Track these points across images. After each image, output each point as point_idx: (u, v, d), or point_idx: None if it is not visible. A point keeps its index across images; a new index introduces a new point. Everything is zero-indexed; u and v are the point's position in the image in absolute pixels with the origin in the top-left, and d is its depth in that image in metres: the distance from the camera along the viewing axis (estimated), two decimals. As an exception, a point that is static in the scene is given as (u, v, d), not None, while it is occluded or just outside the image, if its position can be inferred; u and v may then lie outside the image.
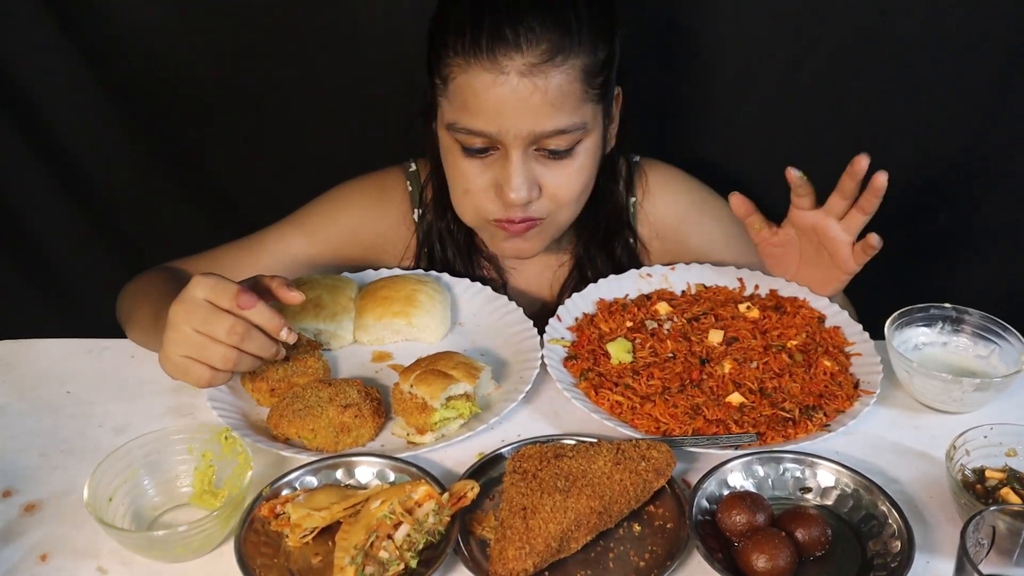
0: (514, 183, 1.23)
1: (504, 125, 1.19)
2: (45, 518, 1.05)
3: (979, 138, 1.64)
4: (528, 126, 1.19)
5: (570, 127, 1.21)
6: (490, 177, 1.26)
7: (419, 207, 1.47)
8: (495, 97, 1.17)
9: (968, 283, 1.69)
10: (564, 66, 1.18)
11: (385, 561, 0.93)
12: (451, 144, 1.27)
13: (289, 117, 1.72)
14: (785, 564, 0.92)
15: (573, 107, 1.21)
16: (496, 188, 1.26)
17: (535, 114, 1.18)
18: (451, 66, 1.20)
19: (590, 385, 1.20)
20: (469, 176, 1.27)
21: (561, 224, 1.35)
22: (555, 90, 1.18)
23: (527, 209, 1.27)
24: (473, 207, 1.30)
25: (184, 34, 1.63)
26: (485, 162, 1.26)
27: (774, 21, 1.56)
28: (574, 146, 1.25)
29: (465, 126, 1.22)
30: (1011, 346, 1.21)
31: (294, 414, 1.12)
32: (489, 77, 1.17)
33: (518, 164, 1.22)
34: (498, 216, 1.29)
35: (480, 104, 1.19)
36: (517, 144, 1.21)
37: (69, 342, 1.35)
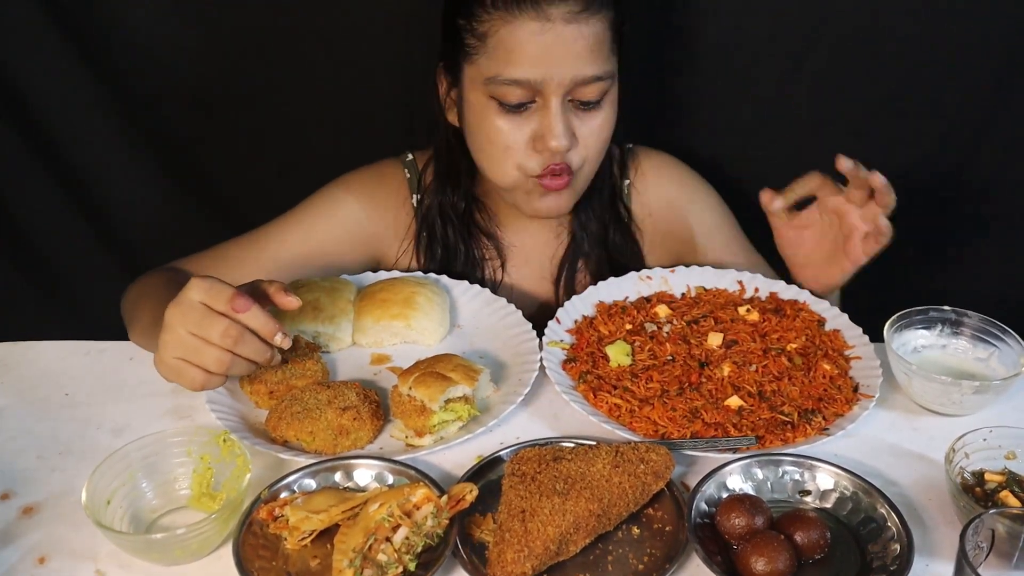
0: (556, 130, 1.27)
1: (549, 72, 1.24)
2: (43, 520, 1.04)
3: (979, 140, 1.64)
4: (571, 72, 1.25)
5: (604, 75, 1.28)
6: (528, 132, 1.30)
7: (417, 192, 1.50)
8: (541, 44, 1.23)
9: (967, 285, 1.69)
10: (599, 14, 1.26)
11: (383, 564, 0.93)
12: (486, 104, 1.30)
13: (289, 117, 1.72)
14: (784, 567, 0.92)
15: (606, 56, 1.28)
16: (535, 141, 1.30)
17: (578, 60, 1.25)
18: (490, 21, 1.25)
19: (589, 388, 1.20)
20: (509, 133, 1.30)
21: (586, 176, 1.38)
22: (594, 37, 1.25)
23: (564, 158, 1.30)
24: (515, 164, 1.32)
25: (183, 34, 1.63)
26: (523, 117, 1.29)
27: (774, 20, 1.56)
28: (602, 97, 1.30)
29: (509, 76, 1.25)
30: (1010, 348, 1.21)
31: (293, 416, 1.12)
32: (536, 25, 1.22)
33: (558, 112, 1.27)
34: (539, 171, 1.32)
35: (526, 53, 1.24)
36: (558, 92, 1.26)
37: (68, 344, 1.34)
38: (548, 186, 1.33)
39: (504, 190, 1.39)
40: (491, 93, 1.28)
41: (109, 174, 1.78)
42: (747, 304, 1.34)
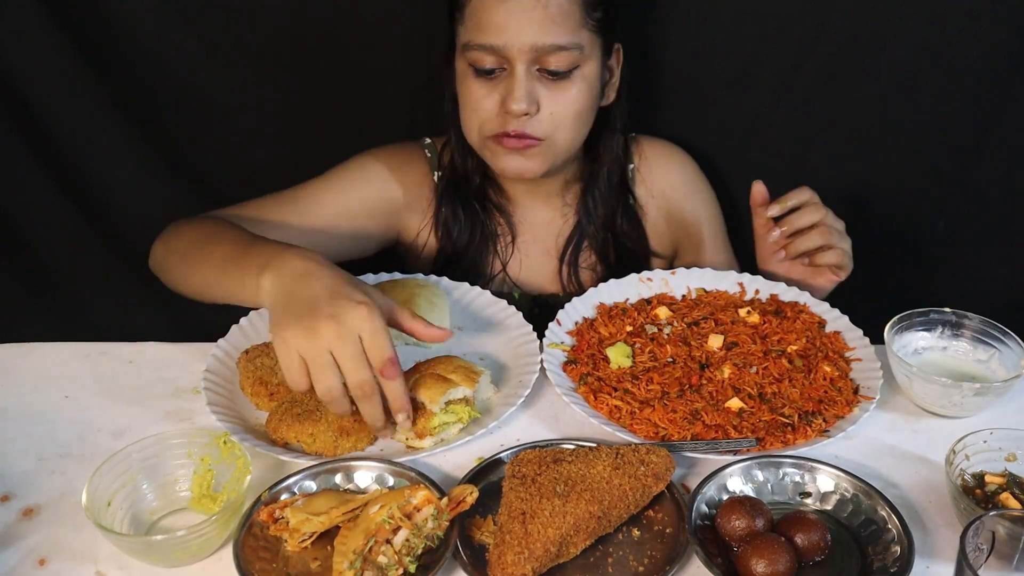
0: (516, 94, 1.33)
1: (510, 38, 1.31)
2: (43, 522, 1.04)
3: (979, 141, 1.64)
4: (531, 38, 1.31)
5: (568, 45, 1.33)
6: (496, 97, 1.37)
7: (438, 169, 1.56)
8: (503, 11, 1.31)
9: (968, 287, 1.69)
10: None
11: (384, 566, 0.93)
12: (465, 69, 1.39)
13: (291, 117, 1.72)
14: (784, 569, 0.92)
15: (572, 28, 1.33)
16: (500, 105, 1.37)
17: (537, 27, 1.31)
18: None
19: (589, 390, 1.20)
20: (478, 96, 1.38)
21: (560, 147, 1.42)
22: (556, 7, 1.31)
23: (525, 125, 1.36)
24: (478, 123, 1.40)
25: (184, 33, 1.63)
26: (493, 83, 1.37)
27: (774, 20, 1.56)
28: (572, 70, 1.36)
29: (477, 42, 1.34)
30: (1011, 350, 1.21)
31: (293, 418, 1.12)
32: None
33: (521, 77, 1.34)
34: (497, 130, 1.38)
35: (491, 19, 1.32)
36: (521, 58, 1.32)
37: (68, 346, 1.34)
38: (507, 144, 1.38)
39: (478, 153, 1.46)
40: (468, 60, 1.37)
41: (110, 175, 1.77)
42: (747, 306, 1.35)
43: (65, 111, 1.68)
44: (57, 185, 1.75)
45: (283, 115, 1.72)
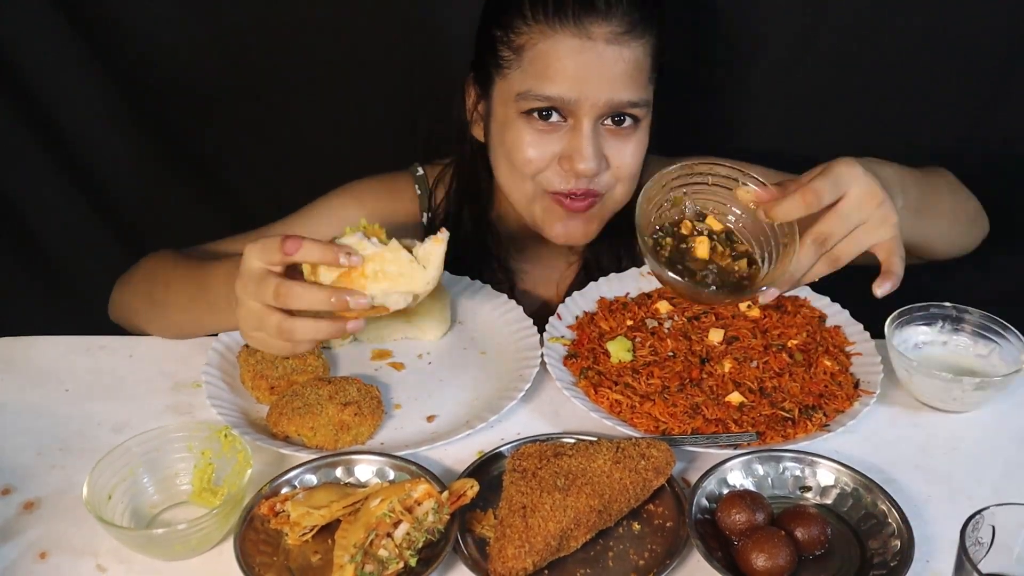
0: (586, 152, 1.24)
1: (584, 91, 1.21)
2: (44, 516, 1.04)
3: (979, 134, 1.64)
4: (607, 94, 1.22)
5: (641, 101, 1.25)
6: (556, 149, 1.27)
7: (428, 211, 1.47)
8: (580, 63, 1.20)
9: (968, 282, 1.68)
10: (642, 40, 1.23)
11: (384, 559, 0.93)
12: (515, 119, 1.27)
13: (293, 111, 1.72)
14: (784, 563, 0.92)
15: (644, 83, 1.26)
16: (562, 161, 1.27)
17: (615, 83, 1.22)
18: (528, 34, 1.22)
19: (589, 384, 1.20)
20: (534, 144, 1.27)
21: (615, 204, 1.35)
22: (634, 62, 1.22)
23: (590, 183, 1.28)
24: (536, 179, 1.29)
25: (188, 27, 1.63)
26: (551, 135, 1.26)
27: (774, 15, 1.56)
28: (637, 124, 1.28)
29: (542, 92, 1.22)
30: (1011, 345, 1.21)
31: (293, 412, 1.12)
32: (576, 43, 1.20)
33: (589, 134, 1.24)
34: (559, 189, 1.28)
35: (563, 69, 1.21)
36: (591, 113, 1.23)
37: (68, 339, 1.34)
38: (569, 207, 1.29)
39: (523, 208, 1.36)
40: (521, 108, 1.25)
41: (112, 169, 1.78)
42: (748, 300, 1.34)
43: (70, 105, 1.69)
44: (59, 178, 1.75)
45: (288, 108, 1.72)
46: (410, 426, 1.18)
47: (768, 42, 1.60)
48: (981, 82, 1.59)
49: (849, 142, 1.67)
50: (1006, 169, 1.67)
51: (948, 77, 1.59)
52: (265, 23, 1.62)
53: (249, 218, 1.48)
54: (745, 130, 1.69)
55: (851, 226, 1.02)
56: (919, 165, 1.37)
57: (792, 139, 1.66)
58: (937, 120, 1.63)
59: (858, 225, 1.02)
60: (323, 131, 1.74)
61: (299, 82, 1.69)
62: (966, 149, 1.66)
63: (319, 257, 1.02)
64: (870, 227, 1.02)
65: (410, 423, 1.18)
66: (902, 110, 1.63)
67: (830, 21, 1.56)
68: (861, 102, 1.64)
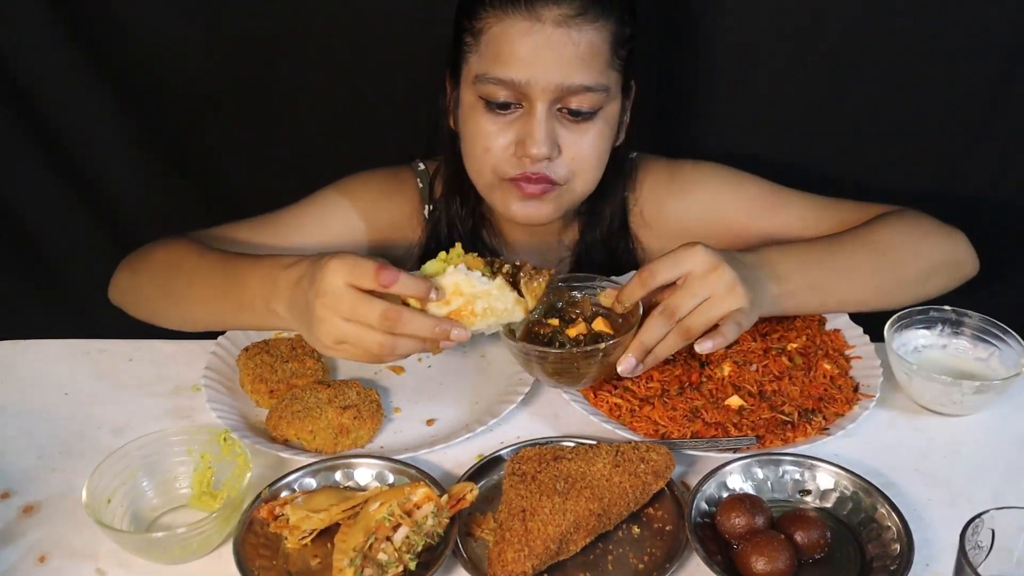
0: (536, 136, 1.23)
1: (535, 74, 1.20)
2: (43, 519, 1.04)
3: (978, 138, 1.64)
4: (557, 77, 1.21)
5: (596, 86, 1.23)
6: (511, 136, 1.26)
7: (429, 203, 1.48)
8: (529, 45, 1.20)
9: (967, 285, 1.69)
10: (596, 23, 1.21)
11: (384, 563, 0.93)
12: (474, 102, 1.27)
13: (293, 114, 1.72)
14: (784, 566, 0.92)
15: (600, 68, 1.24)
16: (516, 146, 1.26)
17: (565, 66, 1.20)
18: (485, 18, 1.23)
19: (589, 387, 1.20)
20: (490, 134, 1.27)
21: (576, 194, 1.33)
22: (586, 45, 1.21)
23: (545, 168, 1.26)
24: (491, 165, 1.29)
25: (187, 29, 1.63)
26: (507, 120, 1.26)
27: (774, 17, 1.56)
28: (596, 111, 1.26)
29: (495, 75, 1.22)
30: (1011, 348, 1.21)
31: (293, 415, 1.12)
32: (525, 25, 1.20)
33: (542, 118, 1.23)
34: (514, 174, 1.28)
35: (513, 52, 1.21)
36: (543, 97, 1.22)
37: (68, 343, 1.34)
38: (524, 189, 1.29)
39: (486, 196, 1.36)
40: (479, 92, 1.25)
41: (111, 171, 1.78)
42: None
43: (66, 106, 1.69)
44: (58, 182, 1.75)
45: (288, 110, 1.72)
46: (409, 430, 1.18)
47: (761, 58, 1.60)
48: (981, 89, 1.59)
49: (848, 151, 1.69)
50: (1008, 175, 1.67)
51: (948, 85, 1.59)
52: (264, 24, 1.63)
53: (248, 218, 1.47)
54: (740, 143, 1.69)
55: (697, 299, 1.10)
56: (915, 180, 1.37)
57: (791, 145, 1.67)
58: (936, 129, 1.64)
59: (705, 299, 1.10)
60: (323, 132, 1.74)
61: (299, 83, 1.69)
62: (965, 159, 1.66)
63: (412, 292, 1.03)
64: (716, 300, 1.10)
65: (409, 427, 1.18)
66: (903, 118, 1.63)
67: (829, 27, 1.56)
68: (860, 111, 1.64)
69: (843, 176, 1.66)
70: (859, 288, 1.29)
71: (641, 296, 1.13)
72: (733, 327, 1.11)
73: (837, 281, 1.27)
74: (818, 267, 1.26)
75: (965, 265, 1.38)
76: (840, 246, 1.29)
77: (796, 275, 1.22)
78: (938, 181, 1.67)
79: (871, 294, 1.30)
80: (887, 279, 1.30)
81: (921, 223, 1.36)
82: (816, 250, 1.28)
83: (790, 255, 1.25)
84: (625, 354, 1.12)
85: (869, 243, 1.30)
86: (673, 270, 1.11)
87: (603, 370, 1.15)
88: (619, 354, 1.12)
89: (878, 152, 1.67)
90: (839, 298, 1.29)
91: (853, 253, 1.29)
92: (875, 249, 1.30)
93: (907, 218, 1.35)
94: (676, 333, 1.11)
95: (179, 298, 1.29)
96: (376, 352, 1.04)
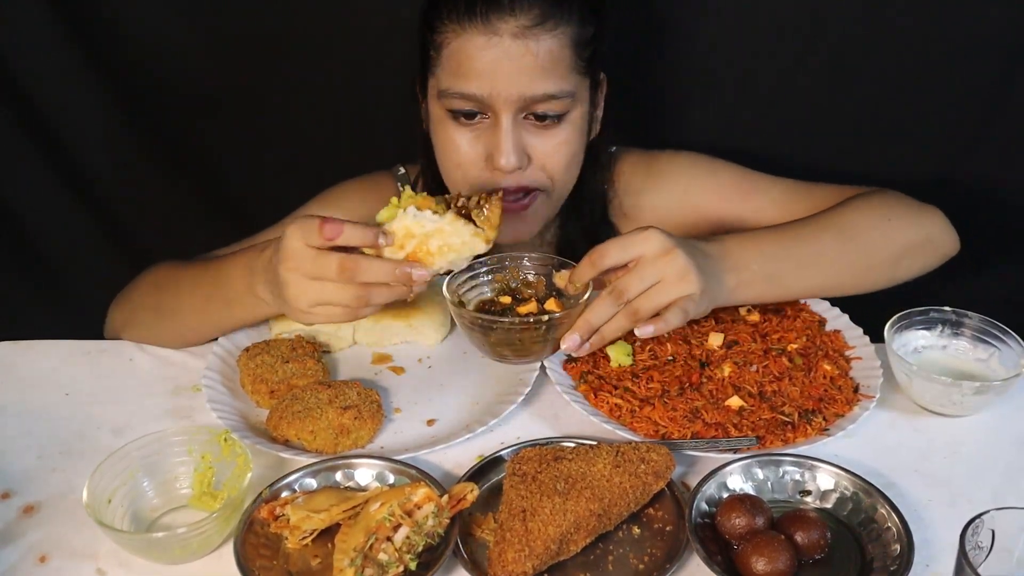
0: (504, 148, 1.23)
1: (496, 87, 1.20)
2: (44, 519, 1.04)
3: (978, 139, 1.64)
4: (519, 89, 1.20)
5: (559, 93, 1.23)
6: (481, 148, 1.26)
7: None
8: (488, 59, 1.19)
9: (967, 286, 1.69)
10: (555, 31, 1.21)
11: (384, 563, 0.93)
12: (442, 116, 1.27)
13: (291, 116, 1.72)
14: (784, 567, 0.92)
15: (562, 74, 1.23)
16: (487, 159, 1.26)
17: (526, 77, 1.20)
18: (445, 33, 1.23)
19: (589, 388, 1.20)
20: (460, 148, 1.27)
21: (556, 199, 1.34)
22: (546, 54, 1.20)
23: (520, 178, 1.26)
24: (465, 180, 1.29)
25: (186, 32, 1.63)
26: (475, 132, 1.26)
27: (774, 19, 1.56)
28: (563, 115, 1.25)
29: (458, 90, 1.22)
30: (1011, 349, 1.21)
31: (293, 416, 1.12)
32: (482, 39, 1.19)
33: (508, 130, 1.23)
34: (489, 187, 1.26)
35: (473, 67, 1.20)
36: (507, 108, 1.22)
37: (68, 344, 1.35)
38: (508, 207, 1.27)
39: None
40: (445, 106, 1.25)
41: (111, 173, 1.78)
42: (748, 304, 1.34)
43: (68, 110, 1.69)
44: (58, 182, 1.75)
45: (287, 111, 1.72)
46: (410, 430, 1.18)
47: (761, 59, 1.60)
48: (980, 90, 1.60)
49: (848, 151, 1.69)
50: (1008, 175, 1.67)
51: (948, 85, 1.59)
52: (264, 25, 1.63)
53: (248, 219, 1.48)
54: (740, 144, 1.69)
55: (647, 283, 1.10)
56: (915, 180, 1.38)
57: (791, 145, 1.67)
58: (936, 129, 1.64)
59: (655, 283, 1.10)
60: (323, 133, 1.74)
61: (298, 84, 1.69)
62: (965, 159, 1.66)
63: (359, 241, 1.05)
64: (666, 285, 1.10)
65: (410, 427, 1.19)
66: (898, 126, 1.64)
67: (829, 28, 1.56)
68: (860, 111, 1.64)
69: (843, 176, 1.66)
70: (824, 274, 1.28)
71: (591, 276, 1.13)
72: (678, 313, 1.10)
73: (799, 269, 1.26)
74: (780, 256, 1.25)
75: (941, 245, 1.37)
76: (803, 233, 1.28)
77: (754, 265, 1.22)
78: (938, 181, 1.67)
79: (837, 279, 1.30)
80: (853, 264, 1.29)
81: (891, 204, 1.34)
82: (778, 238, 1.27)
83: (750, 245, 1.23)
84: (570, 331, 1.12)
85: (833, 228, 1.29)
86: (623, 252, 1.11)
87: (547, 346, 1.15)
88: (564, 331, 1.12)
89: (878, 152, 1.67)
90: (803, 285, 1.29)
91: (816, 239, 1.28)
92: (840, 234, 1.29)
93: (877, 200, 1.34)
94: (623, 315, 1.11)
95: (172, 313, 1.32)
96: (353, 305, 1.05)
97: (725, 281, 1.18)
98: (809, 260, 1.27)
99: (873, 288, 1.31)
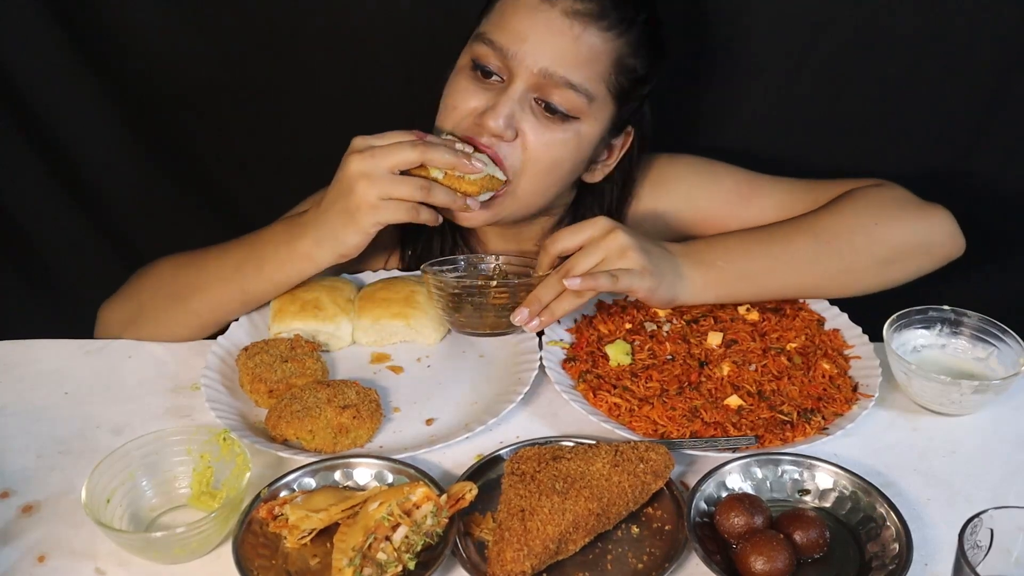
0: (499, 110, 1.21)
1: (524, 49, 1.20)
2: (43, 519, 1.04)
3: (978, 139, 1.65)
4: (545, 60, 1.20)
5: (579, 86, 1.21)
6: (481, 104, 1.24)
7: None
8: (531, 21, 1.20)
9: (966, 285, 1.69)
10: (606, 33, 1.22)
11: (383, 563, 0.93)
12: (464, 65, 1.27)
13: (289, 117, 1.72)
14: (783, 566, 0.92)
15: (591, 74, 1.22)
16: (478, 116, 1.24)
17: (558, 53, 1.20)
18: None
19: (588, 387, 1.20)
20: (464, 94, 1.26)
21: (518, 200, 1.28)
22: (586, 47, 1.20)
23: (497, 146, 1.23)
24: (451, 121, 1.27)
25: (184, 33, 1.63)
26: (485, 89, 1.24)
27: (776, 19, 1.56)
28: (571, 118, 1.23)
29: (490, 36, 1.22)
30: (1009, 348, 1.21)
31: (292, 415, 1.12)
32: (535, 2, 1.21)
33: (513, 96, 1.21)
34: (468, 134, 1.24)
35: (514, 21, 1.21)
36: (525, 76, 1.21)
37: (67, 343, 1.34)
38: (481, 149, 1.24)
39: None
40: (472, 51, 1.25)
41: (109, 173, 1.78)
42: (747, 303, 1.34)
43: (66, 110, 1.69)
44: (56, 181, 1.75)
45: (286, 111, 1.72)
46: (409, 429, 1.18)
47: (763, 59, 1.60)
48: (980, 90, 1.60)
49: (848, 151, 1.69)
50: (1008, 175, 1.67)
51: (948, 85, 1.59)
52: (264, 26, 1.63)
53: (246, 221, 1.47)
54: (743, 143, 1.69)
55: (592, 261, 1.19)
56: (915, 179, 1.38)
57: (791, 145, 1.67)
58: (936, 129, 1.64)
59: (599, 260, 1.18)
60: (322, 137, 1.73)
61: (298, 85, 1.69)
62: (965, 159, 1.66)
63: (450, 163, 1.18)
64: (609, 262, 1.18)
65: (409, 426, 1.18)
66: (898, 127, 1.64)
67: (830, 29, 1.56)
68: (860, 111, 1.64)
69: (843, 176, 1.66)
70: (800, 274, 1.30)
71: (548, 263, 1.23)
72: (605, 278, 1.16)
73: (773, 269, 1.29)
74: (751, 255, 1.29)
75: (941, 247, 1.35)
76: (776, 235, 1.30)
77: (719, 262, 1.26)
78: (938, 181, 1.67)
79: (816, 280, 1.31)
80: (832, 266, 1.30)
81: (885, 205, 1.33)
82: (748, 239, 1.30)
83: (718, 244, 1.30)
84: (520, 307, 1.21)
85: (810, 230, 1.30)
86: (573, 237, 1.21)
87: (498, 319, 1.25)
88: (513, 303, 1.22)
89: (878, 152, 1.67)
90: (780, 284, 1.30)
91: (789, 240, 1.30)
92: (815, 237, 1.29)
93: (873, 199, 1.33)
94: (571, 292, 1.18)
95: (193, 291, 1.31)
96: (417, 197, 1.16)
97: (689, 277, 1.25)
98: (783, 260, 1.29)
99: (863, 290, 1.31)
